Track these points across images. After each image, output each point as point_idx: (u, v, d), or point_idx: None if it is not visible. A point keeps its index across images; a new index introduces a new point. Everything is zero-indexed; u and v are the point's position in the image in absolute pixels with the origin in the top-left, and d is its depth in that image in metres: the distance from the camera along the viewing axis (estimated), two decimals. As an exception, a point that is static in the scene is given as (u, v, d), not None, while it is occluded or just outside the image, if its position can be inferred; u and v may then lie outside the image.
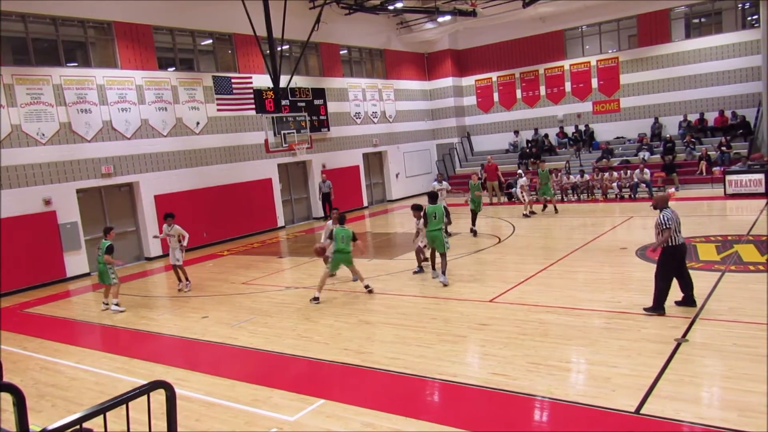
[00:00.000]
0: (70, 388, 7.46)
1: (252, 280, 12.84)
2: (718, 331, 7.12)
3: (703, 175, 20.24)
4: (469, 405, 5.92)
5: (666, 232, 7.55)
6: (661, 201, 7.88)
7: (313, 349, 7.95)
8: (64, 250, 14.92)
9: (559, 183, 20.80)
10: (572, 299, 9.04)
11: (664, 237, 7.57)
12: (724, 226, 14.15)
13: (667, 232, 7.54)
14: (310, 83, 21.77)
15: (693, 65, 22.71)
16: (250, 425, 5.87)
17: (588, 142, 24.78)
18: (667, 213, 7.64)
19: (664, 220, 7.56)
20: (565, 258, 11.84)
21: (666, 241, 7.62)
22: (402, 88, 27.13)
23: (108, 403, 2.51)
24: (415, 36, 26.59)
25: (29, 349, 9.36)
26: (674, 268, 7.77)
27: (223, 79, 18.87)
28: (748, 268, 9.82)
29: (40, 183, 14.59)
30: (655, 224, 7.77)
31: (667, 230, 7.54)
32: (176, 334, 9.44)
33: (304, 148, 19.95)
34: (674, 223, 7.59)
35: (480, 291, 10.09)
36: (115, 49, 16.29)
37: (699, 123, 22.54)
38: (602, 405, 5.51)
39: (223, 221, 18.65)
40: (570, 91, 25.71)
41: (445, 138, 28.56)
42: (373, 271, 12.49)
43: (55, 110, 14.89)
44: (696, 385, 5.78)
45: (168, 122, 17.43)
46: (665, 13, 23.14)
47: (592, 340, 7.20)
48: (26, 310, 12.31)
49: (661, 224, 7.57)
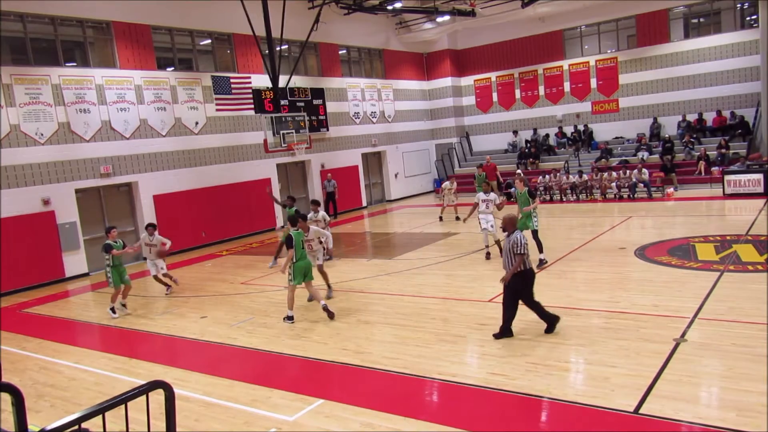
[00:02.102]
0: (68, 388, 7.45)
1: (251, 280, 12.84)
2: (717, 331, 7.13)
3: (702, 175, 20.25)
4: (468, 405, 5.92)
5: (520, 258, 7.28)
6: (509, 224, 7.61)
7: (312, 349, 7.95)
8: (63, 250, 14.91)
9: (558, 183, 20.81)
10: (571, 299, 9.05)
11: (518, 262, 7.28)
12: (723, 226, 14.17)
13: (520, 258, 7.28)
14: (309, 83, 21.76)
15: (692, 65, 22.73)
16: (249, 425, 5.87)
17: (587, 142, 24.79)
18: (520, 237, 7.41)
19: (521, 244, 7.31)
20: (564, 258, 11.84)
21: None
22: (401, 88, 27.13)
23: (107, 403, 2.51)
24: (414, 36, 26.59)
25: (28, 349, 9.35)
26: (522, 294, 7.48)
27: (222, 79, 18.86)
28: (747, 268, 9.83)
29: (39, 183, 14.58)
30: (509, 248, 7.42)
31: (520, 255, 7.28)
32: (175, 334, 9.43)
33: (303, 148, 19.93)
34: (527, 248, 7.38)
35: (479, 291, 10.09)
36: (114, 48, 16.28)
37: (698, 123, 22.57)
38: (601, 405, 5.51)
39: (222, 221, 18.65)
40: (569, 91, 25.72)
41: (444, 138, 28.57)
42: (373, 271, 12.50)
43: (54, 110, 14.87)
44: (695, 385, 5.79)
45: (167, 122, 17.42)
46: (664, 13, 23.16)
47: (590, 340, 7.21)
48: (25, 310, 12.29)
49: (518, 248, 7.30)
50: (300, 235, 9.41)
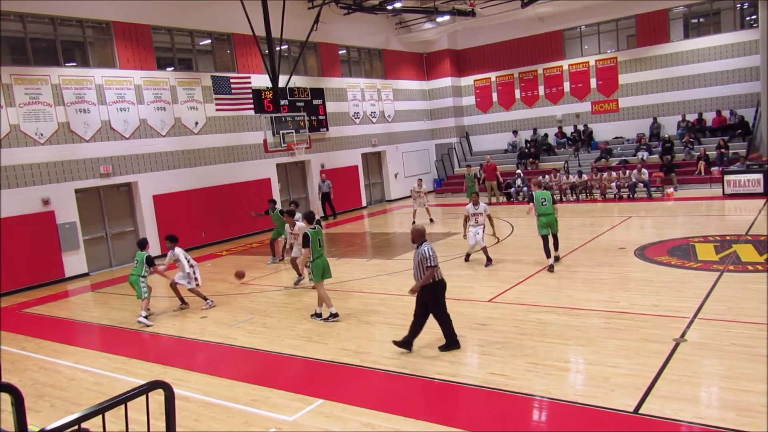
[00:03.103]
0: (68, 388, 7.45)
1: (251, 281, 12.83)
2: (717, 331, 7.13)
3: (702, 175, 20.26)
4: (468, 405, 5.92)
5: (431, 270, 7.11)
6: (418, 236, 7.46)
7: (312, 349, 7.95)
8: (63, 250, 14.90)
9: (558, 183, 20.81)
10: (571, 299, 9.05)
11: (429, 274, 7.10)
12: (723, 226, 14.17)
13: (431, 270, 7.11)
14: (308, 83, 21.76)
15: (691, 65, 22.74)
16: (249, 425, 5.87)
17: (587, 142, 24.79)
18: (429, 248, 7.23)
19: (430, 256, 7.14)
20: (564, 258, 11.83)
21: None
22: (401, 88, 27.13)
23: (107, 403, 2.51)
24: (414, 36, 26.59)
25: (28, 349, 9.35)
26: (431, 306, 7.30)
27: (221, 79, 18.86)
28: (747, 268, 9.83)
29: (39, 183, 14.57)
30: (419, 260, 7.22)
31: (431, 268, 7.11)
32: (175, 335, 9.44)
33: (302, 148, 19.93)
34: (436, 260, 7.21)
35: (479, 291, 10.10)
36: (114, 48, 16.28)
37: (697, 123, 22.57)
38: (601, 405, 5.51)
39: (221, 221, 18.64)
40: (569, 91, 25.72)
41: (443, 138, 28.57)
42: (373, 271, 12.50)
43: (54, 110, 14.87)
44: (694, 385, 5.79)
45: (167, 122, 17.42)
46: (664, 13, 23.16)
47: (590, 340, 7.21)
48: (25, 310, 12.29)
49: (428, 260, 7.13)
50: (317, 233, 9.21)
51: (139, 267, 10.30)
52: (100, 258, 16.09)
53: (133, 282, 10.31)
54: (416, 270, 7.35)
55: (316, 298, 9.63)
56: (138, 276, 10.24)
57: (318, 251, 9.17)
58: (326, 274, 9.26)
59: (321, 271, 9.14)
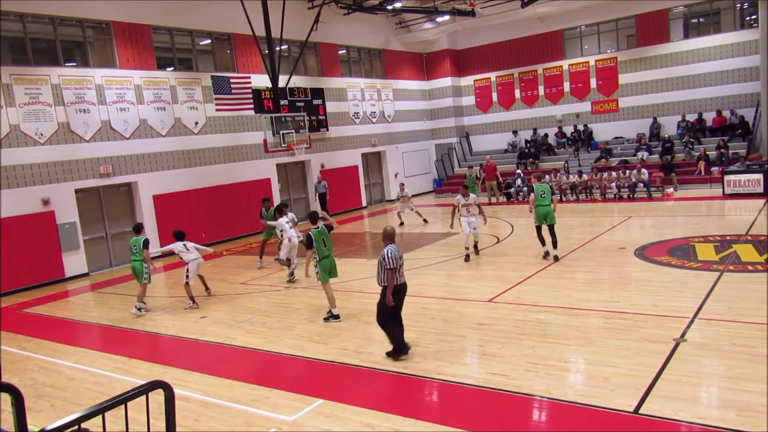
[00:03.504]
0: (68, 388, 7.45)
1: (251, 280, 12.83)
2: (717, 331, 7.13)
3: (702, 175, 20.25)
4: (468, 405, 5.92)
5: (390, 273, 6.94)
6: (384, 236, 7.33)
7: (312, 349, 7.95)
8: (63, 251, 14.90)
9: (558, 183, 20.81)
10: (571, 299, 9.04)
11: (388, 277, 6.94)
12: (723, 226, 14.16)
13: (391, 273, 6.94)
14: (308, 83, 21.76)
15: (691, 65, 22.74)
16: (249, 425, 5.87)
17: (586, 142, 24.79)
18: (393, 250, 7.05)
19: (389, 257, 6.96)
20: (564, 258, 11.84)
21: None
22: (400, 88, 27.14)
23: (107, 403, 2.51)
24: (414, 36, 26.59)
25: (28, 349, 9.35)
26: (392, 309, 7.13)
27: (221, 79, 18.86)
28: (747, 268, 9.83)
29: (39, 183, 14.57)
30: (379, 261, 7.11)
31: (390, 270, 6.94)
32: (175, 334, 9.43)
33: (302, 148, 19.94)
34: (397, 262, 7.03)
35: (479, 291, 10.09)
36: (114, 48, 16.28)
37: (697, 123, 22.57)
38: (601, 405, 5.51)
39: (221, 221, 18.65)
40: (569, 91, 25.72)
41: (443, 138, 28.57)
42: (373, 271, 12.46)
43: (54, 110, 14.87)
44: (694, 385, 5.79)
45: (166, 122, 17.42)
46: (664, 13, 23.16)
47: (590, 340, 7.21)
48: (25, 310, 12.29)
49: (386, 262, 6.95)
50: (320, 233, 9.17)
51: (139, 253, 10.60)
52: (100, 258, 16.10)
53: (137, 268, 10.64)
54: (377, 271, 7.21)
55: (316, 298, 9.64)
56: (141, 261, 10.58)
57: (324, 251, 9.13)
58: (333, 273, 9.27)
59: (328, 270, 9.15)
